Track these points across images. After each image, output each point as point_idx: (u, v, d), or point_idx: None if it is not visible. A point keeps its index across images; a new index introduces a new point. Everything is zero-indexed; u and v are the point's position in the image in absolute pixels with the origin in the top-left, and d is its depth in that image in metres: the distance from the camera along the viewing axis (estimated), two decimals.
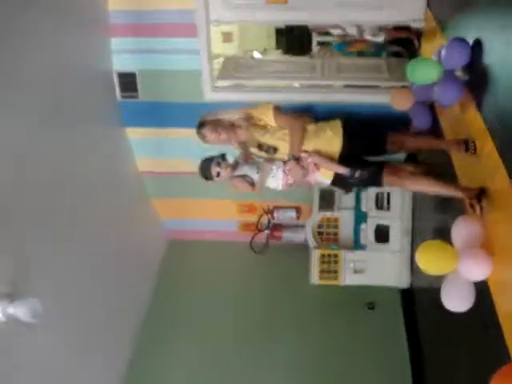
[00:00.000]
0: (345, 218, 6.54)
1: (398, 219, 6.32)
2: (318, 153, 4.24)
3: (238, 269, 6.78)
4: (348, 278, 6.42)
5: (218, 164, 4.22)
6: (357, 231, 6.44)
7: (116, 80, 6.23)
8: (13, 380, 3.88)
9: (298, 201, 6.87)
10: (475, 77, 3.85)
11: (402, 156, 6.25)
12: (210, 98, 6.29)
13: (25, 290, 3.82)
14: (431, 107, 5.12)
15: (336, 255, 6.39)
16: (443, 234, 3.73)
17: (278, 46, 9.17)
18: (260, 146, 4.29)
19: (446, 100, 4.17)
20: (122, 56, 6.13)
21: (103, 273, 5.36)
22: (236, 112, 4.44)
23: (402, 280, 6.34)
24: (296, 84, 6.79)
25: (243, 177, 4.30)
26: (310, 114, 6.04)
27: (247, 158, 4.49)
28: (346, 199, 6.48)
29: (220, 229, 7.19)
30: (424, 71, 4.12)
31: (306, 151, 4.24)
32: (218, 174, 4.25)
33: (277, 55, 8.89)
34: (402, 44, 6.57)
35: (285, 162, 4.30)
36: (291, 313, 6.27)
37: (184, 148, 6.60)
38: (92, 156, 5.56)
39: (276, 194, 6.77)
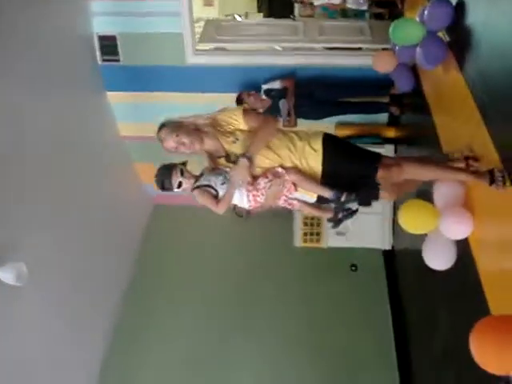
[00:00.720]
0: None
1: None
2: (296, 169, 3.27)
3: (222, 233, 6.80)
4: (331, 241, 6.49)
5: (181, 172, 3.31)
6: None
7: (96, 43, 6.14)
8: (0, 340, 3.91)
9: None
10: (458, 38, 3.86)
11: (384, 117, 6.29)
12: (192, 62, 6.24)
13: (10, 255, 3.83)
14: (414, 69, 5.14)
15: (319, 218, 6.45)
16: (425, 196, 3.77)
17: (260, 9, 9.08)
18: (228, 157, 3.35)
19: (428, 61, 4.17)
20: (102, 18, 6.05)
21: (89, 237, 5.38)
22: (202, 117, 3.45)
23: (385, 242, 6.42)
24: (277, 47, 6.75)
25: (206, 187, 3.32)
26: (294, 80, 6.08)
27: (214, 170, 3.54)
28: None
29: None
30: (407, 32, 4.13)
31: (282, 166, 3.25)
32: (180, 185, 3.30)
33: (258, 19, 8.79)
34: (386, 5, 6.55)
35: (255, 178, 3.29)
36: (275, 275, 6.34)
37: (166, 112, 6.49)
38: (73, 120, 5.51)
39: None
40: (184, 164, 3.39)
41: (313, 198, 3.35)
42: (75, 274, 5.02)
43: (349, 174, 3.33)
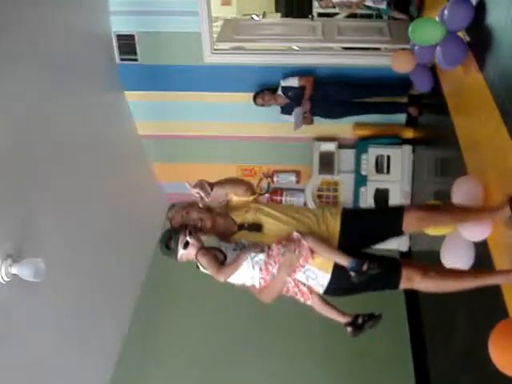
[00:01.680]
0: (345, 182, 6.55)
1: (397, 182, 6.33)
2: (313, 234, 2.96)
3: None
4: None
5: (190, 233, 2.95)
6: (357, 194, 6.46)
7: (115, 42, 6.17)
8: (14, 339, 3.92)
9: (298, 164, 6.87)
10: (478, 38, 3.82)
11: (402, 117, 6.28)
12: (210, 61, 6.25)
13: (27, 251, 3.85)
14: (433, 69, 5.10)
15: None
16: (443, 197, 3.75)
17: (278, 8, 9.06)
18: (241, 226, 3.07)
19: (448, 62, 4.14)
20: (120, 17, 6.07)
21: (105, 236, 5.39)
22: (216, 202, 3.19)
23: (402, 243, 6.37)
24: (295, 46, 6.74)
25: (213, 249, 3.00)
26: (312, 79, 6.07)
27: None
28: (346, 162, 6.49)
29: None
30: (427, 32, 4.10)
31: (299, 232, 2.94)
32: (187, 245, 2.92)
33: (276, 18, 8.78)
34: (405, 9, 6.48)
35: (269, 246, 2.97)
36: None
37: (184, 111, 6.59)
38: (91, 120, 5.53)
39: (276, 158, 6.85)
40: (195, 229, 3.03)
41: (327, 275, 2.93)
42: (90, 272, 5.03)
43: (370, 228, 3.07)
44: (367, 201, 6.36)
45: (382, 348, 5.54)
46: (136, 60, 6.28)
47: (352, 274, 2.80)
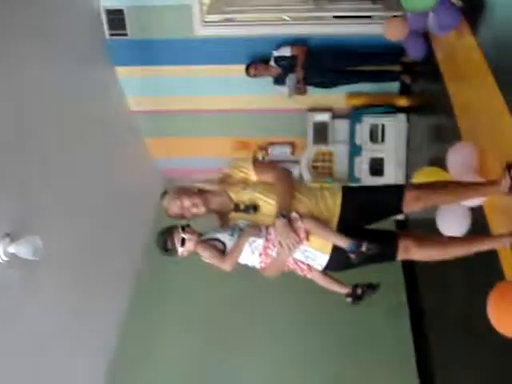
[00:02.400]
0: (339, 152, 6.56)
1: (392, 151, 6.33)
2: (312, 216, 2.94)
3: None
4: None
5: (183, 229, 2.96)
6: (351, 164, 6.47)
7: (104, 17, 6.09)
8: (14, 319, 3.94)
9: (293, 136, 6.86)
10: (471, 2, 3.79)
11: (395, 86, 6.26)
12: (201, 34, 6.19)
13: (24, 229, 3.85)
14: (426, 36, 5.07)
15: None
16: (438, 165, 3.75)
17: None
18: (237, 206, 3.03)
19: (441, 28, 4.12)
20: None
21: (101, 211, 5.39)
22: (209, 180, 3.14)
23: None
24: (286, 17, 6.66)
25: (211, 241, 2.98)
26: (305, 48, 6.03)
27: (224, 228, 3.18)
28: (340, 133, 6.47)
29: (214, 166, 7.17)
30: None
31: (297, 212, 2.92)
32: (183, 242, 2.94)
33: None
34: None
35: (267, 228, 2.96)
36: None
37: (176, 85, 6.55)
38: (82, 96, 5.50)
39: (270, 130, 6.83)
40: (188, 226, 3.01)
41: (326, 256, 2.93)
42: (87, 249, 5.03)
43: (370, 206, 3.05)
44: (362, 170, 6.37)
45: (380, 318, 5.58)
46: (126, 35, 6.21)
47: (351, 255, 2.81)
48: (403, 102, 6.32)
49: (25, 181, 4.14)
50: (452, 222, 3.41)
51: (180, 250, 2.93)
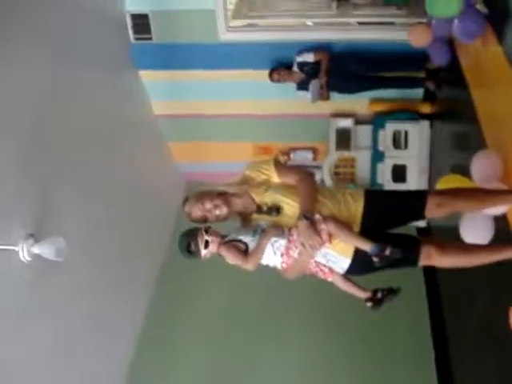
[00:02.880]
0: (362, 158, 6.54)
1: (415, 158, 6.29)
2: (335, 218, 2.91)
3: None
4: None
5: (206, 231, 2.96)
6: (374, 171, 6.45)
7: (129, 21, 6.14)
8: (38, 319, 3.98)
9: (315, 141, 6.85)
10: (497, 10, 3.77)
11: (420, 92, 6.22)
12: (225, 38, 6.21)
13: (47, 231, 3.89)
14: (450, 43, 5.04)
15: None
16: (462, 172, 3.72)
17: None
18: (259, 208, 3.03)
19: (466, 35, 4.09)
20: None
21: (123, 214, 5.43)
22: (234, 183, 3.13)
23: None
24: (309, 22, 6.66)
25: (233, 242, 2.98)
26: (328, 54, 6.02)
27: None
28: (363, 139, 6.45)
29: (236, 171, 7.19)
30: (444, 4, 4.03)
31: (320, 214, 2.91)
32: (207, 244, 2.94)
33: None
34: None
35: (290, 229, 2.96)
36: None
37: (199, 90, 6.57)
38: (106, 101, 5.55)
39: (292, 135, 6.83)
40: (209, 228, 3.01)
41: (347, 260, 2.92)
42: (109, 251, 5.07)
43: (392, 212, 3.03)
44: (385, 176, 6.34)
45: (401, 323, 5.55)
46: (150, 39, 6.25)
47: (374, 259, 2.78)
48: (427, 108, 6.28)
49: (48, 182, 4.19)
50: (475, 230, 3.38)
51: (203, 252, 2.94)
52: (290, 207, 2.96)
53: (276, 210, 2.98)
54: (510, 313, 2.18)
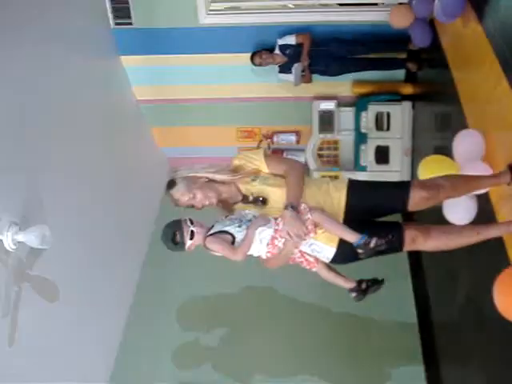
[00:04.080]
0: (345, 140, 6.56)
1: (398, 139, 6.33)
2: (321, 209, 2.92)
3: None
4: None
5: (192, 222, 2.94)
6: (357, 153, 6.47)
7: (108, 7, 6.08)
8: (25, 306, 3.97)
9: (298, 124, 6.85)
10: None
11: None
12: (205, 22, 6.18)
13: (31, 219, 3.87)
14: (431, 24, 5.05)
15: (336, 177, 6.44)
16: (444, 153, 3.75)
17: None
18: (245, 198, 3.03)
19: (447, 15, 4.11)
20: None
21: (107, 200, 5.41)
22: (216, 169, 3.06)
23: None
24: (290, 4, 6.64)
25: (219, 233, 2.94)
26: (310, 36, 6.02)
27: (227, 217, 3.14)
28: (346, 121, 6.47)
29: (220, 155, 7.18)
30: None
31: (305, 204, 2.92)
32: (193, 235, 2.92)
33: None
34: None
35: (276, 219, 2.94)
36: None
37: (181, 74, 6.55)
38: (88, 87, 5.49)
39: (276, 118, 6.83)
40: (191, 220, 2.97)
41: (332, 249, 2.93)
42: (94, 238, 5.06)
43: (375, 205, 3.03)
44: (368, 158, 6.37)
45: (385, 302, 5.57)
46: (131, 24, 6.20)
47: (359, 250, 2.80)
48: (409, 89, 6.30)
49: (32, 169, 4.16)
50: (458, 209, 3.42)
51: (189, 243, 2.91)
52: (277, 198, 2.95)
53: (262, 200, 2.98)
54: (493, 289, 2.22)
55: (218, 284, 5.87)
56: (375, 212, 3.08)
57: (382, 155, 6.41)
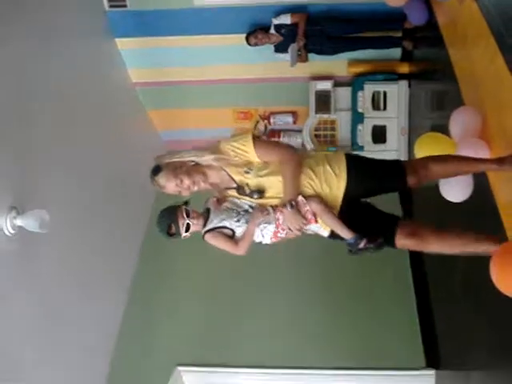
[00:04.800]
0: (342, 120, 6.56)
1: (394, 118, 6.33)
2: (320, 199, 2.89)
3: None
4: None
5: (187, 213, 2.92)
6: (354, 132, 6.47)
7: None
8: (21, 290, 3.99)
9: (295, 105, 6.85)
10: None
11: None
12: (200, 3, 6.15)
13: (30, 203, 3.88)
14: (427, 1, 5.03)
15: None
16: (441, 131, 3.75)
17: None
18: (240, 189, 2.94)
19: None
20: None
21: (104, 183, 5.42)
22: (207, 152, 2.91)
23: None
24: None
25: (219, 229, 2.94)
26: (305, 15, 5.99)
27: (220, 203, 3.07)
28: (342, 101, 6.46)
29: (217, 137, 7.17)
30: None
31: (303, 196, 2.88)
32: (188, 228, 2.91)
33: None
34: None
35: (274, 208, 2.93)
36: None
37: (176, 56, 6.52)
38: (83, 70, 5.48)
39: (272, 99, 6.81)
40: (187, 203, 2.98)
41: (326, 232, 2.97)
42: (92, 220, 5.07)
43: (372, 194, 3.02)
44: (365, 137, 6.37)
45: (383, 281, 5.61)
46: (125, 6, 6.17)
47: (348, 247, 2.87)
48: (405, 68, 6.29)
49: (29, 154, 4.17)
50: (455, 187, 3.42)
51: (184, 235, 2.92)
52: (273, 185, 2.90)
53: (259, 192, 2.90)
54: (490, 265, 2.24)
55: (216, 265, 5.89)
56: (375, 193, 3.06)
57: (379, 134, 6.42)
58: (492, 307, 3.31)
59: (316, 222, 2.90)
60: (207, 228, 2.94)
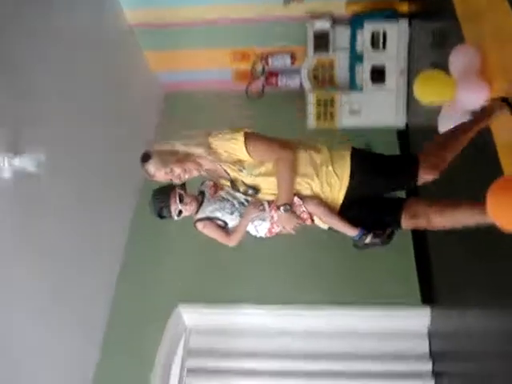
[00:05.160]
0: (340, 60, 6.47)
1: (394, 58, 6.26)
2: (318, 199, 2.84)
3: (236, 116, 6.69)
4: (344, 121, 6.49)
5: (180, 198, 2.88)
6: (353, 72, 6.41)
7: None
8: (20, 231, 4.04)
9: (293, 45, 6.75)
10: None
11: None
12: None
13: (27, 144, 3.90)
14: None
15: (332, 98, 6.41)
16: (441, 66, 3.72)
17: None
18: (234, 184, 2.89)
19: None
20: None
21: (101, 126, 5.41)
22: (194, 143, 2.80)
23: (398, 119, 6.41)
24: None
25: (211, 219, 2.91)
26: None
27: (217, 189, 3.03)
28: (341, 40, 6.36)
29: (215, 78, 7.13)
30: None
31: (299, 196, 2.83)
32: (180, 213, 2.90)
33: None
34: None
35: (269, 204, 2.88)
36: None
37: None
38: (75, 10, 5.39)
39: (270, 39, 6.72)
40: (183, 186, 2.95)
41: (325, 226, 2.94)
42: (89, 164, 5.07)
43: (380, 192, 2.98)
44: (364, 78, 6.32)
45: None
46: None
47: (354, 244, 2.88)
48: (405, 7, 6.19)
49: (25, 97, 4.16)
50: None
51: (175, 219, 2.94)
52: (268, 184, 2.86)
53: (253, 189, 2.88)
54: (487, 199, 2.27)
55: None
56: (378, 195, 3.03)
57: (378, 74, 6.36)
58: (489, 246, 3.36)
59: (312, 221, 2.90)
60: (199, 217, 2.95)
